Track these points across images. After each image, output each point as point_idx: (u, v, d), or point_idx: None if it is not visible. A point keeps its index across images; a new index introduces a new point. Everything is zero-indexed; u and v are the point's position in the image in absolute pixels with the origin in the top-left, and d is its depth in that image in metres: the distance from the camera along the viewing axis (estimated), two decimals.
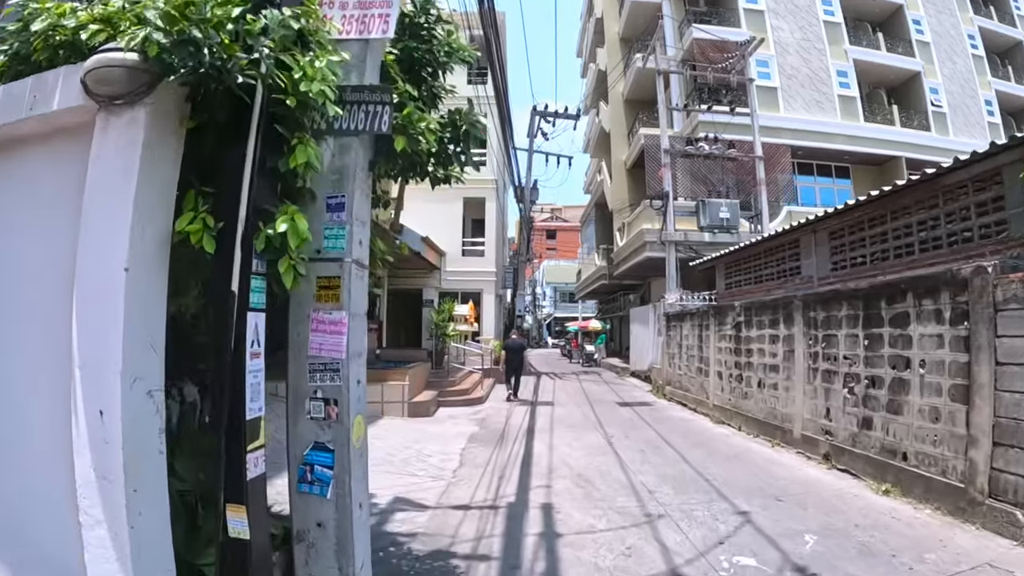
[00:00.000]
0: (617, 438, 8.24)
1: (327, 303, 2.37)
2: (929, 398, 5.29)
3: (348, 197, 2.40)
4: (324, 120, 2.17)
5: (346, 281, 2.38)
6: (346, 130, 2.30)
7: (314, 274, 2.39)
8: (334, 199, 2.41)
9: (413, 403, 9.95)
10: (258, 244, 2.01)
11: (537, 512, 4.89)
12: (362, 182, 2.47)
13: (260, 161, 1.96)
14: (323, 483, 2.29)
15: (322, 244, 2.41)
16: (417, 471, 6.28)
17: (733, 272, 11.30)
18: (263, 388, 2.06)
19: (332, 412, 2.33)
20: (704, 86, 17.19)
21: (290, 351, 2.39)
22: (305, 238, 2.04)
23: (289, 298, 2.38)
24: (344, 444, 2.32)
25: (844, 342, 6.46)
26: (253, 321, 2.02)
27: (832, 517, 4.86)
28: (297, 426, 2.38)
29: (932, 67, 22.07)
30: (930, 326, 5.34)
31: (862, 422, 6.14)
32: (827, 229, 7.81)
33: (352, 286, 2.39)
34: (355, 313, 2.44)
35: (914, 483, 5.39)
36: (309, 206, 2.34)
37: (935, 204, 6.15)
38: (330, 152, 2.41)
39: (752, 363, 8.64)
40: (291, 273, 2.07)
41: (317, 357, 2.37)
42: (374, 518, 4.70)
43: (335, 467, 2.30)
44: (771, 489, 5.65)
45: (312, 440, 2.36)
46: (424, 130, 2.42)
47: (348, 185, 2.42)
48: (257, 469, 2.00)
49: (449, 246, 19.77)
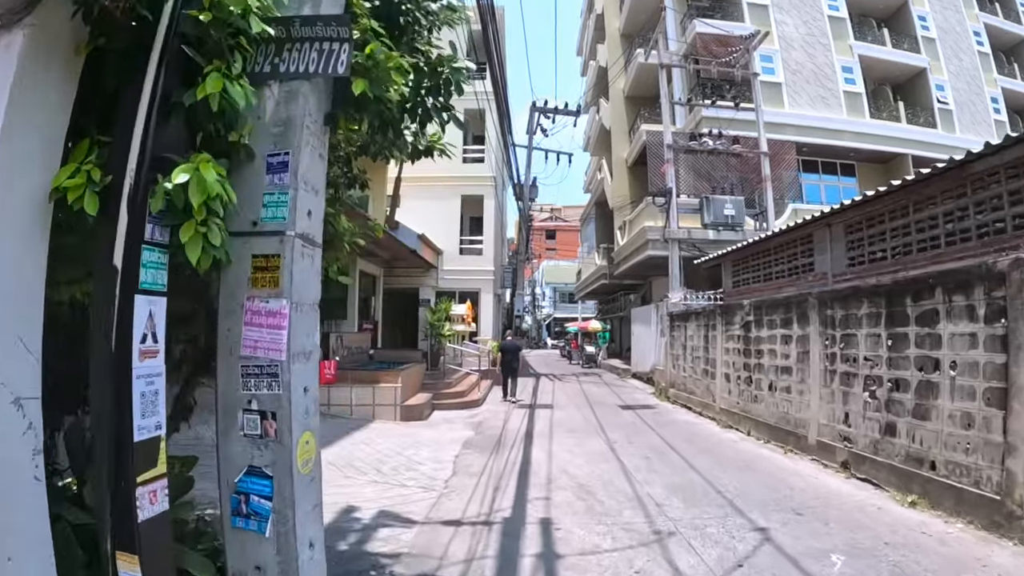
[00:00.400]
0: (620, 444, 7.80)
1: (263, 288, 1.89)
2: (961, 402, 4.87)
3: (293, 154, 1.93)
4: (267, 61, 1.74)
5: (287, 260, 1.90)
6: (294, 73, 1.86)
7: (249, 251, 1.92)
8: (275, 157, 1.93)
9: (406, 406, 9.51)
10: (154, 204, 1.55)
11: (535, 529, 4.45)
12: (314, 138, 2.00)
13: (164, 97, 1.52)
14: (261, 517, 1.82)
15: (259, 214, 1.93)
16: (407, 480, 5.84)
17: (741, 270, 10.86)
18: (162, 399, 1.61)
19: (269, 428, 1.85)
20: (707, 81, 16.78)
21: (219, 351, 1.93)
22: (215, 195, 1.57)
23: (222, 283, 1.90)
24: (286, 469, 1.84)
25: (865, 342, 6.03)
26: (146, 308, 1.55)
27: (858, 534, 4.43)
28: (228, 445, 1.91)
29: (938, 64, 21.78)
30: (962, 324, 4.91)
31: (885, 428, 5.70)
32: (843, 223, 7.37)
33: (296, 267, 1.91)
34: (300, 302, 1.96)
35: (943, 495, 4.97)
36: (245, 166, 1.89)
37: (963, 193, 5.72)
38: (274, 100, 1.96)
39: (762, 364, 8.20)
40: (198, 244, 1.58)
41: (251, 358, 1.89)
42: (355, 535, 4.27)
43: (274, 498, 1.83)
44: (789, 501, 5.21)
45: (246, 463, 1.88)
46: (391, 71, 1.96)
47: (294, 139, 1.94)
48: (154, 507, 1.55)
49: (447, 244, 19.37)
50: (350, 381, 9.43)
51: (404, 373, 9.93)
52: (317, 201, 2.09)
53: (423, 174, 18.18)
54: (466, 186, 19.87)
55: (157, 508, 1.56)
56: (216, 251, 1.63)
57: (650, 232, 15.88)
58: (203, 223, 1.59)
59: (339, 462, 6.34)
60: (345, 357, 10.85)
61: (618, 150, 23.13)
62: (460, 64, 2.46)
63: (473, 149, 20.59)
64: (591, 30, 30.03)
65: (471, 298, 19.17)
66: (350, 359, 11.20)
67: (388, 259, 17.32)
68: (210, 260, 1.61)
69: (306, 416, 1.98)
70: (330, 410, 9.03)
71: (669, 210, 14.61)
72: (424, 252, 17.33)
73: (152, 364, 1.59)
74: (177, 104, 1.62)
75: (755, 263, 10.18)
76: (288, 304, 1.89)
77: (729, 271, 11.37)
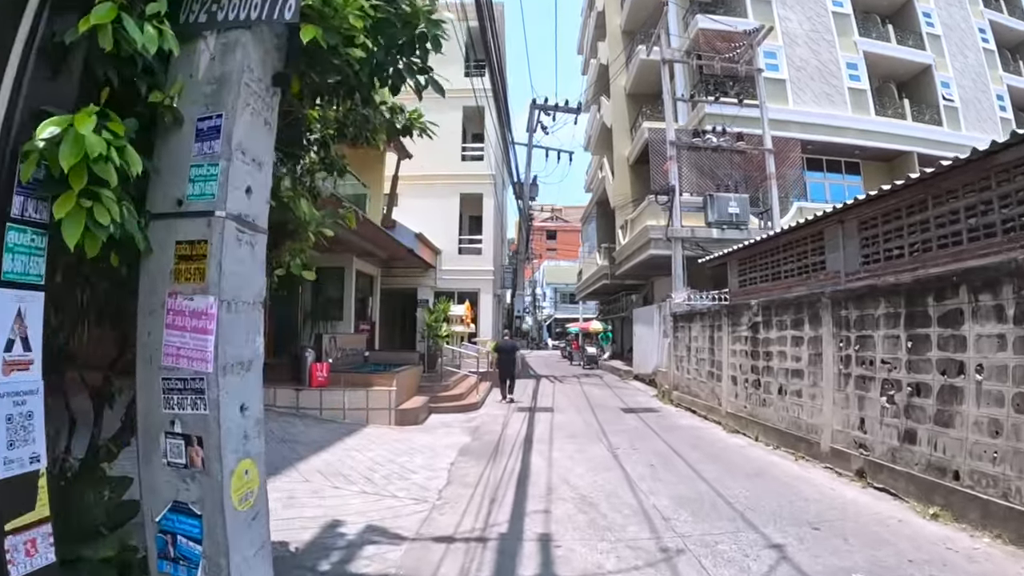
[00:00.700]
0: (623, 450, 7.48)
1: (187, 283, 1.53)
2: (988, 408, 4.55)
3: (227, 117, 1.57)
4: (204, 9, 1.43)
5: (216, 247, 1.53)
6: (233, 21, 1.53)
7: (173, 237, 1.57)
8: (206, 120, 1.57)
9: (401, 410, 9.20)
10: (25, 170, 1.21)
11: (533, 546, 4.13)
12: (257, 100, 1.67)
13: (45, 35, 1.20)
14: (190, 563, 1.48)
15: (185, 191, 1.57)
16: (398, 491, 5.53)
17: (748, 269, 10.53)
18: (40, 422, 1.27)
19: (196, 456, 1.49)
20: (710, 77, 16.47)
21: (138, 359, 1.59)
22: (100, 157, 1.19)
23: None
24: (216, 507, 1.48)
25: (882, 344, 5.71)
26: (11, 305, 1.20)
27: (880, 550, 4.12)
28: (151, 474, 1.57)
29: (943, 60, 21.52)
30: (989, 325, 4.60)
31: (904, 435, 5.39)
32: (857, 219, 7.05)
33: (228, 256, 1.54)
34: (235, 299, 1.59)
35: (968, 506, 4.65)
36: (172, 134, 1.57)
37: (987, 186, 5.40)
38: (208, 54, 1.62)
39: (772, 367, 7.87)
40: (78, 222, 1.22)
41: (173, 369, 1.53)
42: (339, 553, 3.96)
43: (204, 541, 1.47)
44: (804, 514, 4.89)
45: (172, 498, 1.54)
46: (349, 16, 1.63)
47: (228, 99, 1.58)
48: (33, 559, 1.23)
49: (445, 244, 19.06)
50: (343, 384, 9.12)
51: (400, 376, 9.62)
52: (261, 177, 1.73)
53: (421, 172, 17.93)
54: (465, 184, 19.55)
55: (38, 561, 1.24)
56: (102, 231, 1.26)
57: (652, 231, 15.58)
58: (88, 195, 1.23)
59: (328, 471, 6.03)
60: (339, 359, 10.54)
61: (619, 148, 22.85)
62: (438, 17, 2.10)
63: (472, 147, 20.29)
64: (592, 28, 29.80)
65: (470, 298, 18.85)
66: (344, 361, 10.89)
67: (385, 259, 17.02)
68: (97, 244, 1.27)
69: (244, 441, 1.62)
70: (322, 414, 8.72)
71: (672, 208, 14.29)
72: (422, 251, 17.02)
73: (22, 379, 1.23)
74: (73, 46, 1.27)
75: (763, 262, 9.86)
76: (215, 302, 1.52)
77: (735, 270, 11.04)
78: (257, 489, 1.64)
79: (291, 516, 4.60)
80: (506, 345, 13.68)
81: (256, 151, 1.70)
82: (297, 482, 5.57)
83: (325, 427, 8.16)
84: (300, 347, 9.95)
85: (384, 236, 13.64)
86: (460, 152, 19.71)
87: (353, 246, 13.89)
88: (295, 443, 7.01)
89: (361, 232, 11.96)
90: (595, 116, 27.92)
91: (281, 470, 5.88)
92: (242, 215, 1.65)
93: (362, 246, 14.04)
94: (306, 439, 7.28)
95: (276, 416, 8.25)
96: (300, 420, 8.29)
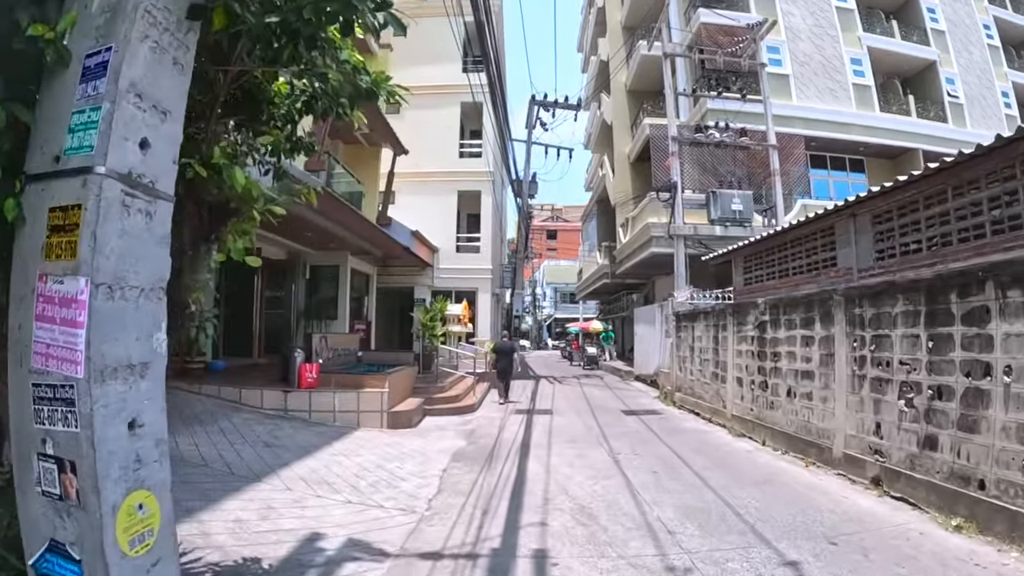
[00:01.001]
0: (625, 455, 7.14)
1: (58, 260, 1.17)
2: (1017, 413, 4.22)
3: (119, 50, 1.22)
4: None
5: (90, 213, 1.15)
6: None
7: (47, 204, 1.22)
8: (94, 57, 1.22)
9: (393, 413, 8.86)
10: None
11: (527, 564, 3.80)
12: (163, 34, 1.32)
13: None
14: None
15: (63, 144, 1.20)
16: (385, 500, 5.19)
17: (753, 266, 10.19)
18: None
19: (69, 486, 1.13)
20: (713, 72, 16.13)
21: (9, 359, 1.25)
22: None
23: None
24: (96, 551, 1.12)
25: (900, 344, 5.38)
26: None
27: (903, 568, 3.80)
28: (27, 504, 1.23)
29: (948, 56, 21.25)
30: (1018, 323, 4.27)
31: (924, 441, 5.05)
32: (870, 212, 6.71)
33: (108, 225, 1.17)
34: (119, 283, 1.21)
35: (994, 518, 4.33)
36: (56, 77, 1.23)
37: (1011, 176, 5.08)
38: None
39: (780, 368, 7.53)
40: None
41: (43, 372, 1.18)
42: (315, 571, 3.62)
43: None
44: (818, 527, 4.56)
45: (48, 535, 1.18)
46: None
47: (121, 28, 1.23)
48: None
49: (443, 242, 18.76)
50: (334, 385, 8.78)
51: (393, 377, 9.27)
52: (165, 128, 1.35)
53: (418, 169, 17.61)
54: (463, 182, 19.24)
55: None
56: None
57: (654, 229, 15.26)
58: None
59: (312, 478, 5.69)
60: (330, 359, 10.20)
61: (620, 145, 22.53)
62: None
63: (470, 143, 19.97)
64: (592, 24, 29.52)
65: (468, 298, 18.52)
66: (336, 361, 10.55)
67: (381, 257, 16.70)
68: None
69: (136, 467, 1.24)
70: (311, 417, 8.39)
71: (674, 205, 13.97)
72: (418, 250, 16.70)
73: None
74: None
75: (769, 259, 9.53)
76: (86, 285, 1.14)
77: (740, 268, 10.70)
78: (158, 529, 1.26)
79: (267, 529, 4.27)
80: (505, 347, 13.50)
81: (158, 96, 1.34)
82: (278, 491, 5.24)
83: (313, 430, 7.82)
84: (289, 347, 9.60)
85: (379, 233, 13.32)
86: (458, 149, 19.40)
87: (348, 244, 13.56)
88: (280, 448, 6.67)
89: (345, 222, 11.61)
90: (595, 113, 27.59)
91: (262, 477, 5.55)
92: (133, 174, 1.29)
93: (357, 244, 13.72)
94: (292, 443, 6.94)
95: (263, 419, 7.91)
96: (288, 423, 7.95)
